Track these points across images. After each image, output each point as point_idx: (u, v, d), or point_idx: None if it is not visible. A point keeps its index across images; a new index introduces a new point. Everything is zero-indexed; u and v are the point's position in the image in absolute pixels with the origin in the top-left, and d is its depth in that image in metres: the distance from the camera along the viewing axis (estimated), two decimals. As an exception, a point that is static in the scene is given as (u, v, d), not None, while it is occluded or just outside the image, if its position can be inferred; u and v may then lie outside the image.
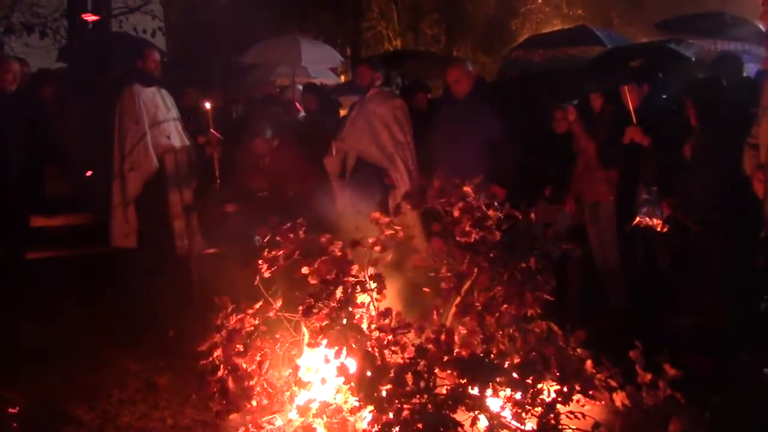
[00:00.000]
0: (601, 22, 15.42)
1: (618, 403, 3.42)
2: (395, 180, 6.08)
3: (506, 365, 3.37)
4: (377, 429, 3.27)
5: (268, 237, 3.91)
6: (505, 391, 3.32)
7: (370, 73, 6.32)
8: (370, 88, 6.26)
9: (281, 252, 3.84)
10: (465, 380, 3.25)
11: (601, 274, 5.84)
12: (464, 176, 3.92)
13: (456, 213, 3.64)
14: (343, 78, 13.58)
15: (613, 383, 3.45)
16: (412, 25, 18.86)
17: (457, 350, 3.39)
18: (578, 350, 3.49)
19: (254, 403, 3.78)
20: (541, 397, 3.30)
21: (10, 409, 4.37)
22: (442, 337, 3.38)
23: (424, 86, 7.95)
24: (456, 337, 3.47)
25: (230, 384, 3.74)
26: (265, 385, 3.81)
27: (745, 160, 4.62)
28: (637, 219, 5.24)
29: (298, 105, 8.52)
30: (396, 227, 3.83)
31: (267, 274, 3.86)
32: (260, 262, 3.86)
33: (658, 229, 5.21)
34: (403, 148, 6.13)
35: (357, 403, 3.37)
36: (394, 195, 6.06)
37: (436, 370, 3.34)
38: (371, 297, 3.67)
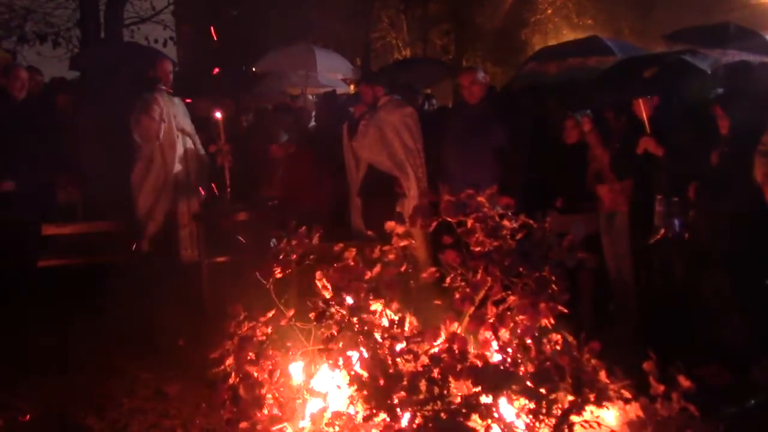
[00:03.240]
0: (611, 32, 15.42)
1: (632, 414, 3.39)
2: (405, 188, 6.13)
3: (520, 374, 3.35)
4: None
5: (284, 240, 3.91)
6: (519, 400, 3.29)
7: (370, 89, 6.37)
8: (378, 100, 6.30)
9: (295, 256, 3.83)
10: (479, 388, 3.23)
11: (613, 283, 5.81)
12: (475, 183, 3.91)
13: (470, 223, 3.62)
14: (353, 88, 13.59)
15: (627, 394, 3.42)
16: (422, 35, 18.90)
17: (471, 359, 3.37)
18: (592, 361, 3.46)
19: (265, 411, 3.76)
20: (556, 406, 3.27)
21: (20, 418, 4.37)
22: (456, 345, 3.36)
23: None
24: (470, 347, 3.45)
25: (241, 392, 3.72)
26: (276, 395, 3.78)
27: (756, 168, 4.60)
28: (662, 232, 5.15)
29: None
30: (410, 238, 3.83)
31: (279, 275, 3.85)
32: (274, 264, 3.85)
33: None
34: (413, 155, 6.21)
35: (368, 411, 3.35)
36: (403, 203, 6.11)
37: (450, 379, 3.32)
38: (384, 305, 3.66)
